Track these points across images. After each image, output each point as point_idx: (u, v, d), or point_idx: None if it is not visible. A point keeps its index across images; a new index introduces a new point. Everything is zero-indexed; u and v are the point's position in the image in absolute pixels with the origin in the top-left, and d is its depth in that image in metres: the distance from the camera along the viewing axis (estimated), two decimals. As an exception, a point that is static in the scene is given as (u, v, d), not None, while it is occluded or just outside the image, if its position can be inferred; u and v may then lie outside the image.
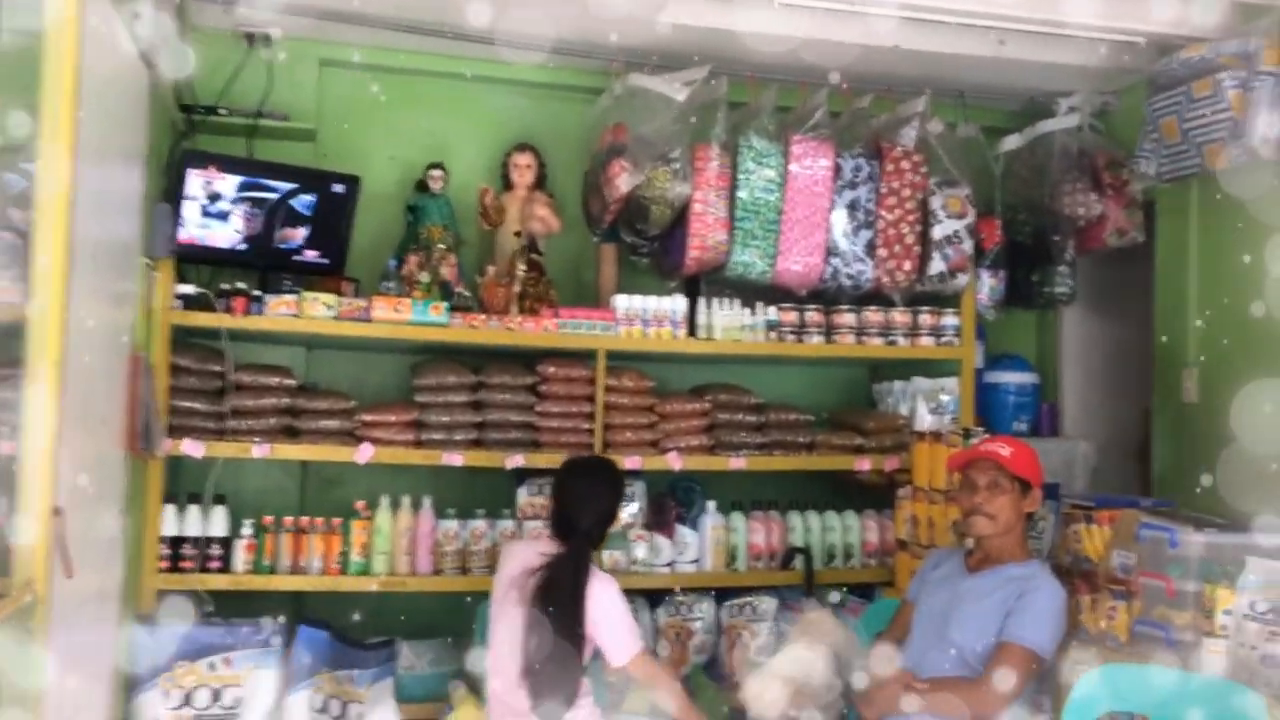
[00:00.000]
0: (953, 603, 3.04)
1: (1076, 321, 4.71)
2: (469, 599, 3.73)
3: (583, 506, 3.19)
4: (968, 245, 4.09)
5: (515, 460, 3.75)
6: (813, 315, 4.08)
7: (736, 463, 3.98)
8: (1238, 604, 2.65)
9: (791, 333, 4.06)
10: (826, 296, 4.10)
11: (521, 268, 3.86)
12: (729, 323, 4.00)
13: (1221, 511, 3.61)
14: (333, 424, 3.71)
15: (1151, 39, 3.92)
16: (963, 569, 3.12)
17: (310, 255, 3.79)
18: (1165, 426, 4.19)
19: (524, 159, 4.10)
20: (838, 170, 4.01)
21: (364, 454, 3.66)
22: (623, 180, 3.77)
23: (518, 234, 3.95)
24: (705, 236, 3.90)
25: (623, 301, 3.92)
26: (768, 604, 3.97)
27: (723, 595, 3.98)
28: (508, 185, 4.12)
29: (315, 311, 3.62)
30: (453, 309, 3.74)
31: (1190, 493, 3.97)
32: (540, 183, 4.13)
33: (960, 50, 3.98)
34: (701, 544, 3.99)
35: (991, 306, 4.26)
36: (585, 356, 3.92)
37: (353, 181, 3.83)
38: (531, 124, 4.29)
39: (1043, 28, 3.86)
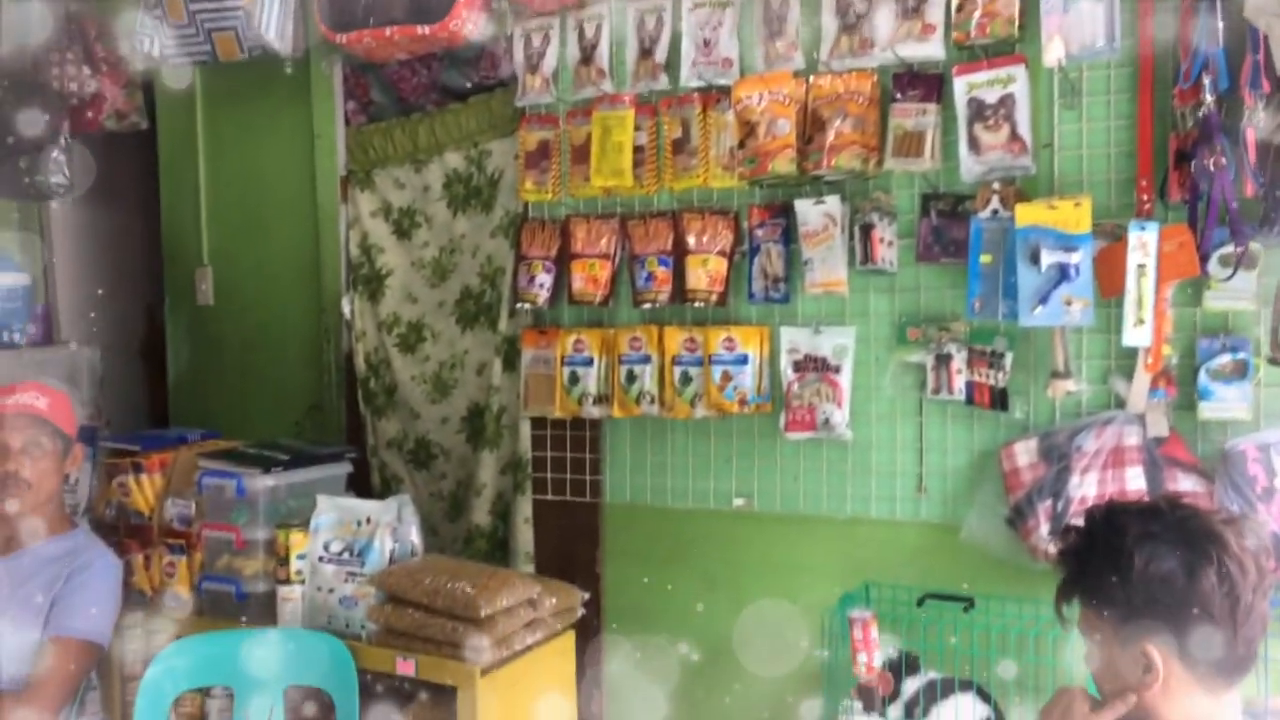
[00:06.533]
0: (-19, 601, 2.45)
1: (69, 212, 4.10)
2: None
3: None
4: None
5: None
6: None
7: None
8: (311, 547, 2.59)
9: None
10: None
11: None
12: None
13: (237, 418, 3.58)
14: None
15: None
16: (-14, 550, 2.53)
17: None
18: (179, 329, 3.96)
19: None
20: None
21: None
22: None
23: None
24: None
25: None
26: None
27: None
28: None
29: None
30: None
31: (209, 396, 3.86)
32: None
33: None
34: None
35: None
36: None
37: None
38: None
39: None
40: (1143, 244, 2.23)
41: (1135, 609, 1.45)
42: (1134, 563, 1.44)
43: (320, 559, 2.58)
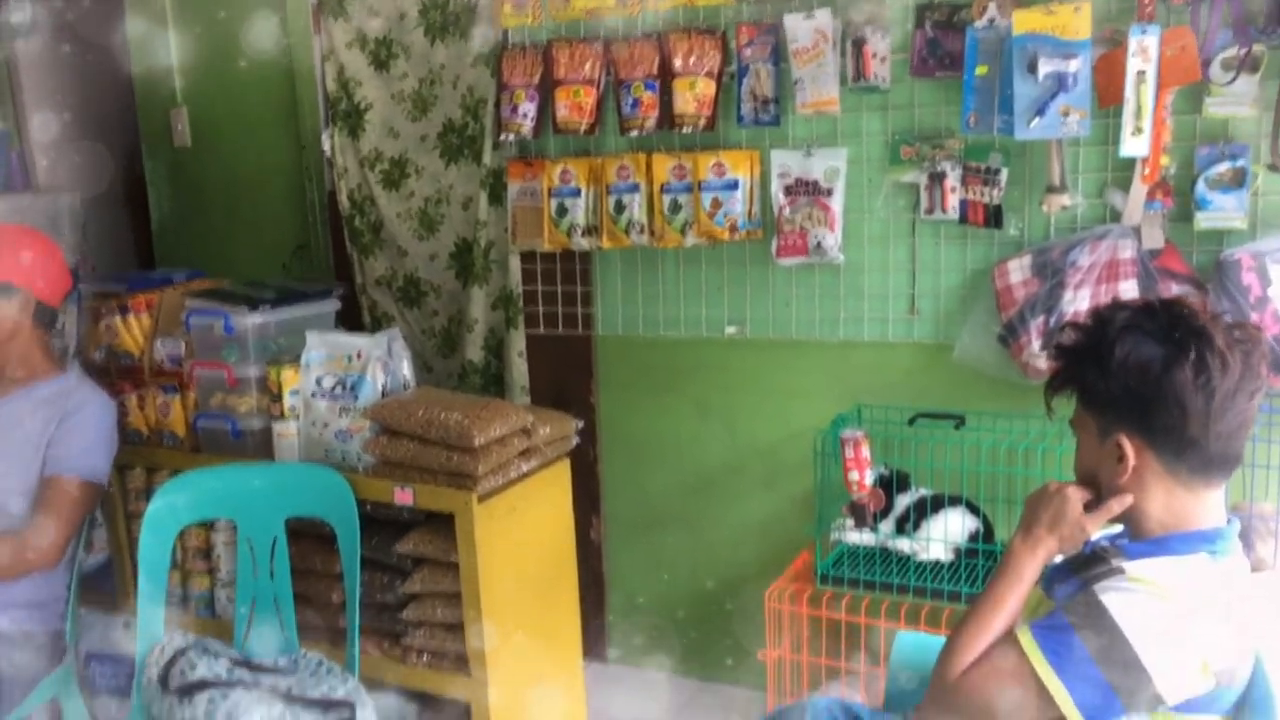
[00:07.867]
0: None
1: (37, 55, 3.96)
2: None
3: None
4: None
5: None
6: None
7: None
8: (304, 383, 2.59)
9: None
10: None
11: None
12: None
13: (223, 262, 3.55)
14: None
15: None
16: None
17: None
18: (159, 172, 3.89)
19: None
20: None
21: None
22: None
23: None
24: None
25: None
26: None
27: None
28: None
29: None
30: None
31: (194, 240, 3.82)
32: None
33: None
34: None
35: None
36: None
37: None
38: None
39: None
40: (1143, 49, 2.15)
41: (1114, 399, 1.45)
42: (1115, 352, 1.43)
43: (313, 395, 2.58)
